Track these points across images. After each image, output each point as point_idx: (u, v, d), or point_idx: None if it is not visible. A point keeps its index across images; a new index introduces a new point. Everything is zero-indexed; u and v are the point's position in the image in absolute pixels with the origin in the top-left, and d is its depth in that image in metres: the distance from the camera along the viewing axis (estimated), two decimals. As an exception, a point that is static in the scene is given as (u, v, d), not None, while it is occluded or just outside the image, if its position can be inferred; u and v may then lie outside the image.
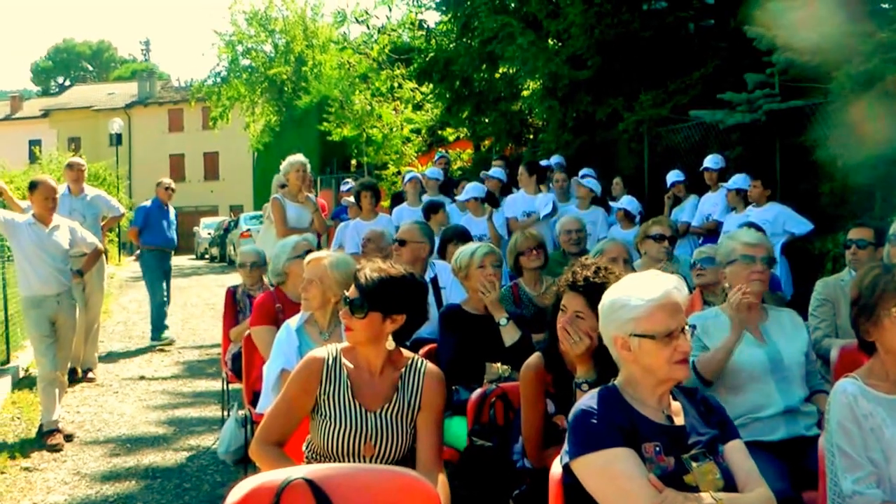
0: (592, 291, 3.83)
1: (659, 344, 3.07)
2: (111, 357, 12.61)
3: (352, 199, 11.40)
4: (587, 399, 3.14)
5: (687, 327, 3.13)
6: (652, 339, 3.08)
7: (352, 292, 3.77)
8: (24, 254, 8.22)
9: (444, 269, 6.91)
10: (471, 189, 10.45)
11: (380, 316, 3.72)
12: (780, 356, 4.52)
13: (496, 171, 12.05)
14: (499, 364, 5.16)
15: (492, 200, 10.46)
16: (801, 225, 9.09)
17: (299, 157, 9.75)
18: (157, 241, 13.75)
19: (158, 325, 13.83)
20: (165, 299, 13.87)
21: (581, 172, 11.44)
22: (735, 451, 3.17)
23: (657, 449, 3.02)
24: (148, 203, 14.11)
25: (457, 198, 10.54)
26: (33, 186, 8.42)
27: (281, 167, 9.86)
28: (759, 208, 9.19)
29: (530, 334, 5.27)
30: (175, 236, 14.05)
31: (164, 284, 13.80)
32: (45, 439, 8.06)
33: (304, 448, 3.86)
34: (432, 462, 3.66)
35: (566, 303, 4.00)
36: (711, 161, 10.34)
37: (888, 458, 3.30)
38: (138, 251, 14.00)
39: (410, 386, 3.77)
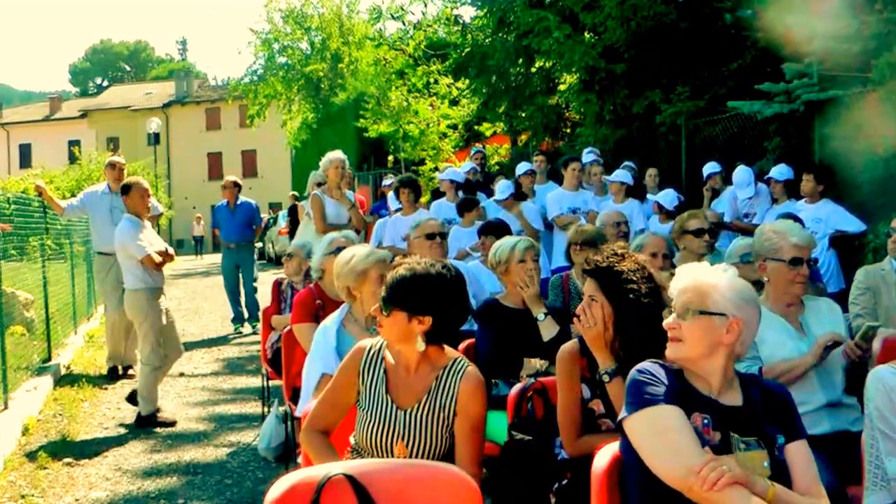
0: (601, 275, 3.92)
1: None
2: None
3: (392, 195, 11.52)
4: (647, 363, 3.20)
5: (700, 313, 3.17)
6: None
7: (383, 289, 3.76)
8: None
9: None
10: (501, 189, 10.47)
11: (405, 315, 3.65)
12: (820, 348, 4.45)
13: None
14: (536, 359, 5.16)
15: (519, 195, 10.47)
16: (853, 224, 9.00)
17: (338, 154, 9.78)
18: (226, 238, 14.63)
19: (237, 317, 14.81)
20: (245, 289, 14.68)
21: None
22: (798, 453, 3.13)
23: (705, 421, 3.03)
24: (220, 203, 14.80)
25: (494, 198, 10.53)
26: (127, 188, 8.73)
27: (320, 164, 9.90)
28: (811, 205, 9.10)
29: (569, 328, 5.19)
30: (243, 230, 14.69)
31: (238, 277, 14.60)
32: (156, 418, 8.66)
33: (350, 439, 3.87)
34: (468, 471, 3.56)
35: (584, 287, 4.05)
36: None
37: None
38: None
39: (445, 387, 3.69)
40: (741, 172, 10.13)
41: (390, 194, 12.41)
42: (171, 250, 8.93)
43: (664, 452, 2.92)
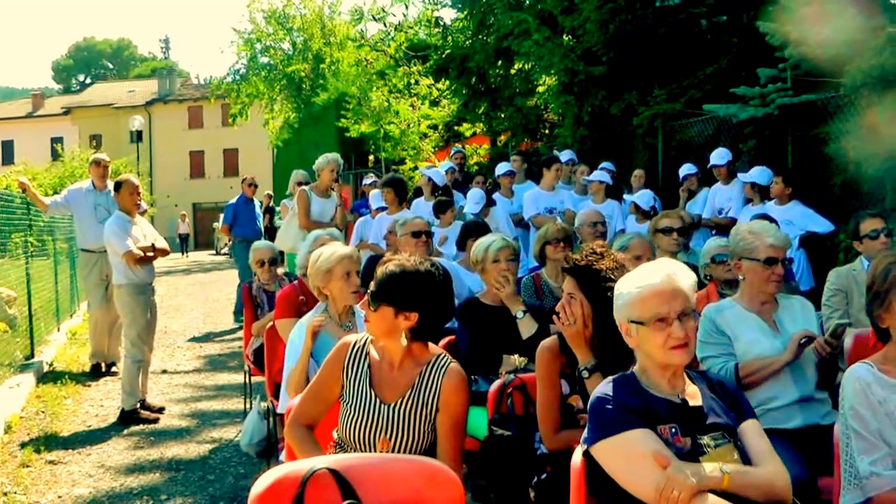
0: (580, 273, 3.99)
1: (651, 329, 3.13)
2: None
3: (376, 191, 11.62)
4: (603, 386, 3.20)
5: (689, 314, 3.15)
6: (642, 324, 3.15)
7: (371, 284, 3.78)
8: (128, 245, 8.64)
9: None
10: (473, 199, 10.43)
11: (392, 310, 3.69)
12: (793, 345, 4.55)
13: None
14: (516, 356, 5.25)
15: (489, 202, 10.52)
16: (822, 225, 9.10)
17: (335, 156, 9.87)
18: (245, 233, 14.71)
19: (239, 308, 14.64)
20: None
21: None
22: (749, 432, 3.20)
23: (673, 430, 3.07)
24: (233, 200, 15.12)
25: (465, 211, 10.46)
26: (118, 185, 8.88)
27: (316, 163, 9.93)
28: (781, 206, 9.18)
29: (548, 326, 5.21)
30: (261, 227, 15.20)
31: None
32: (142, 415, 8.81)
33: (334, 433, 3.90)
34: (449, 466, 3.57)
35: (563, 285, 4.12)
36: (718, 157, 10.35)
37: (904, 442, 3.34)
38: (230, 244, 14.91)
39: (428, 383, 3.73)
40: (720, 151, 10.45)
41: (372, 193, 12.47)
42: (161, 244, 9.00)
43: (638, 480, 2.95)
